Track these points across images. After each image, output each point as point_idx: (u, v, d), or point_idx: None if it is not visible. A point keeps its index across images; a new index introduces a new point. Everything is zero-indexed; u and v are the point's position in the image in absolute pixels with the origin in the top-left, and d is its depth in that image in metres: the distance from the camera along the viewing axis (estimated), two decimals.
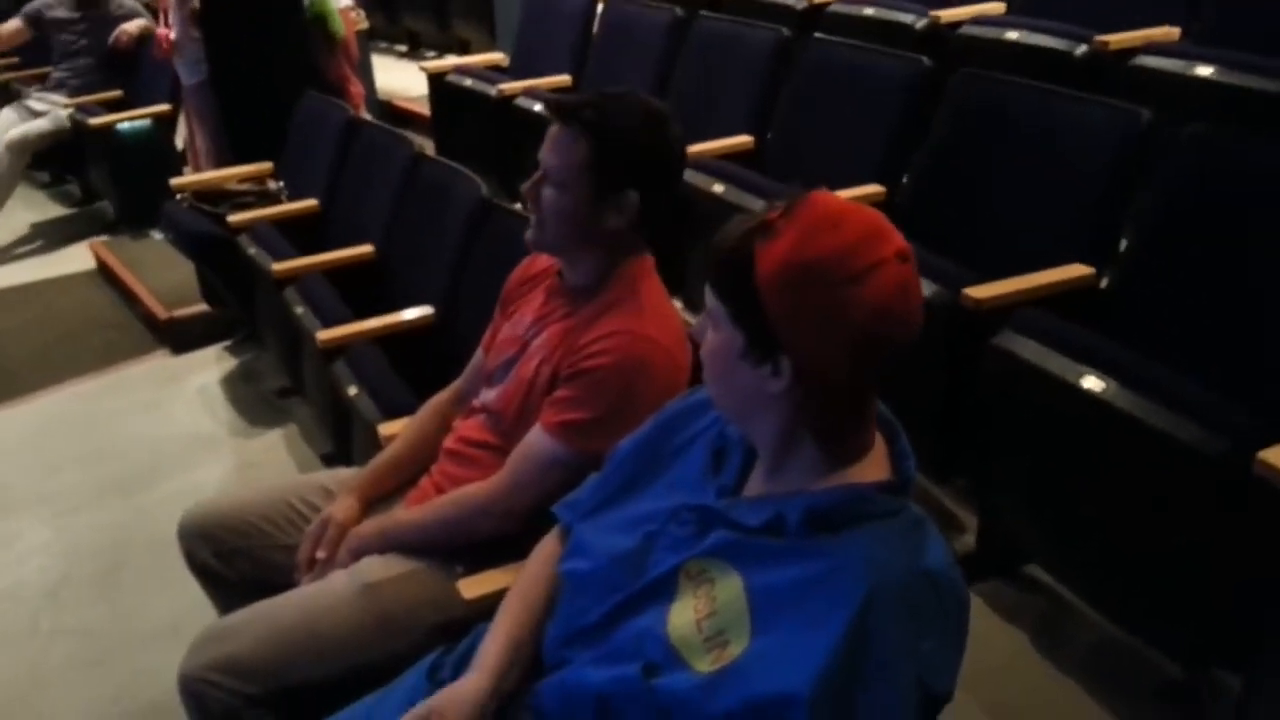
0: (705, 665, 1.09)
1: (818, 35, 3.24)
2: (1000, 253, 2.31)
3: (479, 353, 1.88)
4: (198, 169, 4.31)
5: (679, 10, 3.57)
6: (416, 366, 2.36)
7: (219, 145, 4.17)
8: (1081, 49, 2.97)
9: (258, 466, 3.07)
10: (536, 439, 1.61)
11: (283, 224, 3.15)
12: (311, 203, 3.28)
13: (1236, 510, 1.65)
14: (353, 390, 2.25)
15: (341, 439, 2.55)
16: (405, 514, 1.75)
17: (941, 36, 3.35)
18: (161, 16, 4.47)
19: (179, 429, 3.30)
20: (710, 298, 1.12)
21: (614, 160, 1.58)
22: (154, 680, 2.14)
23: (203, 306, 3.79)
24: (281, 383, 3.39)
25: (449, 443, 1.81)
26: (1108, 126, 2.27)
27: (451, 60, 4.49)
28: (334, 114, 3.42)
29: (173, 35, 4.19)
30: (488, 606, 1.50)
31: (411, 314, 2.54)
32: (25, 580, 2.68)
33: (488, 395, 1.77)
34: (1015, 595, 2.25)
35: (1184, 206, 2.13)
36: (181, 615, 2.35)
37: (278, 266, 2.81)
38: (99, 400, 3.55)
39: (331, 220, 3.24)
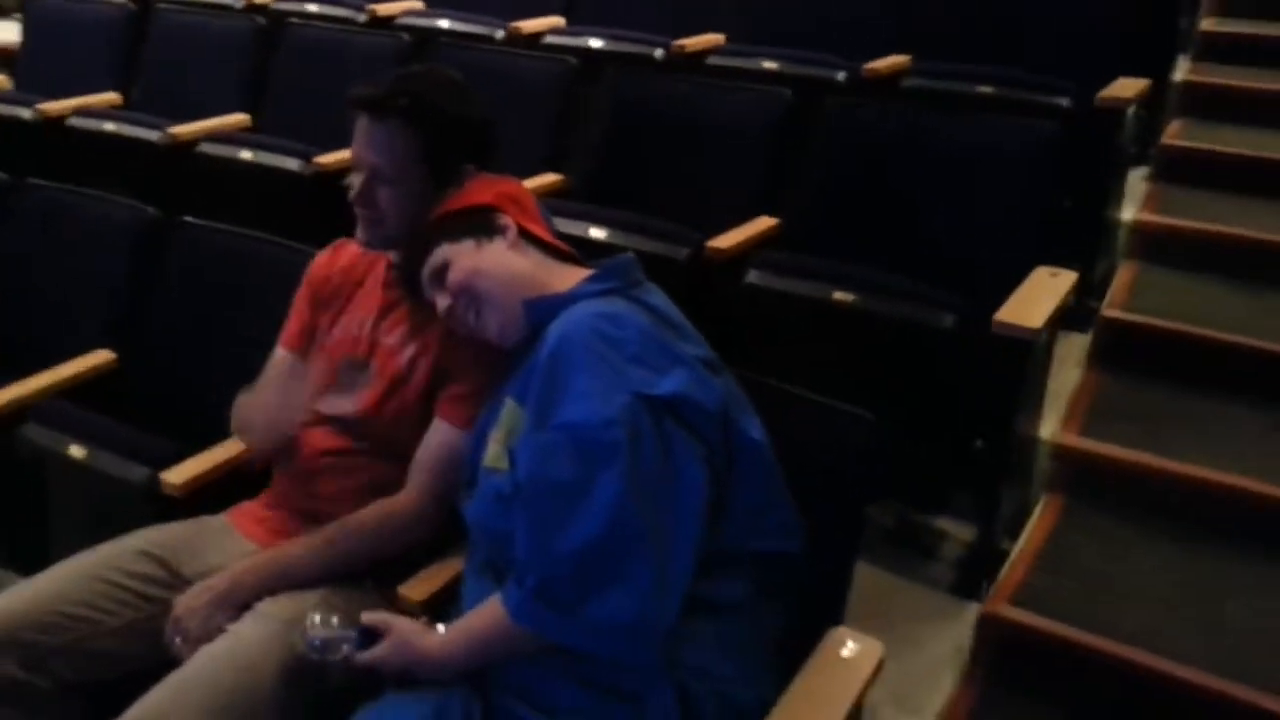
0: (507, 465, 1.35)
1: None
2: None
3: (283, 354, 1.72)
4: None
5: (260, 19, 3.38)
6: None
7: None
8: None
9: None
10: (451, 437, 1.55)
11: None
12: None
13: None
14: (78, 451, 1.86)
15: (30, 532, 2.02)
16: (296, 550, 1.54)
17: None
18: None
19: None
20: None
21: (443, 142, 1.57)
22: None
23: None
24: None
25: (302, 462, 1.64)
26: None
27: None
28: None
29: None
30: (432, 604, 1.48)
31: (88, 361, 2.15)
32: None
33: (338, 403, 1.64)
34: None
35: None
36: None
37: None
38: None
39: None
